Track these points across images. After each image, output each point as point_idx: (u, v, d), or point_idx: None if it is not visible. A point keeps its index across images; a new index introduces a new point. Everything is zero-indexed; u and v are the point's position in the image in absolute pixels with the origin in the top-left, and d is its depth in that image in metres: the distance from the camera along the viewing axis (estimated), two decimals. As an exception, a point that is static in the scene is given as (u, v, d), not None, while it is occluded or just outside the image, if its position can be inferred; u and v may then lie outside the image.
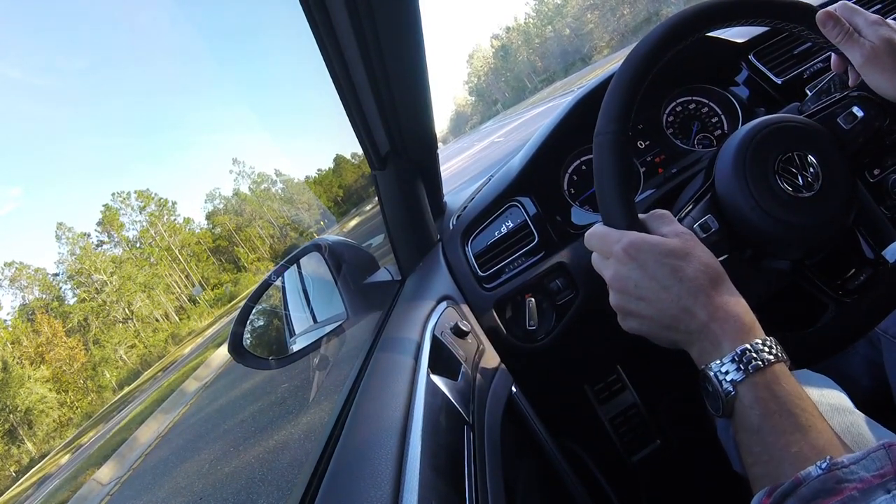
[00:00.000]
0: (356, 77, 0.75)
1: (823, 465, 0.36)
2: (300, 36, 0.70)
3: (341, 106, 0.84)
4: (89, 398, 44.85)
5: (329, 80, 0.77)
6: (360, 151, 1.00)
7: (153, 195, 55.29)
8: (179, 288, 55.34)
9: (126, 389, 40.88)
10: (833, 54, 0.65)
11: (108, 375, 46.19)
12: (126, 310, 50.08)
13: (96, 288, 49.61)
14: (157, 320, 52.14)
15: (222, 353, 14.82)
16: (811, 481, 0.36)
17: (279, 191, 62.89)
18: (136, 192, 54.62)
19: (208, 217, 60.95)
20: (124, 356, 48.14)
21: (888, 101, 0.59)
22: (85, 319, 48.39)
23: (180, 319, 53.52)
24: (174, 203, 56.60)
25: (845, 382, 0.71)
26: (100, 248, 51.66)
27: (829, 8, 0.59)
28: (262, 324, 1.22)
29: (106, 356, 46.51)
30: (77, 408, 43.74)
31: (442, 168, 1.21)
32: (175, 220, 56.55)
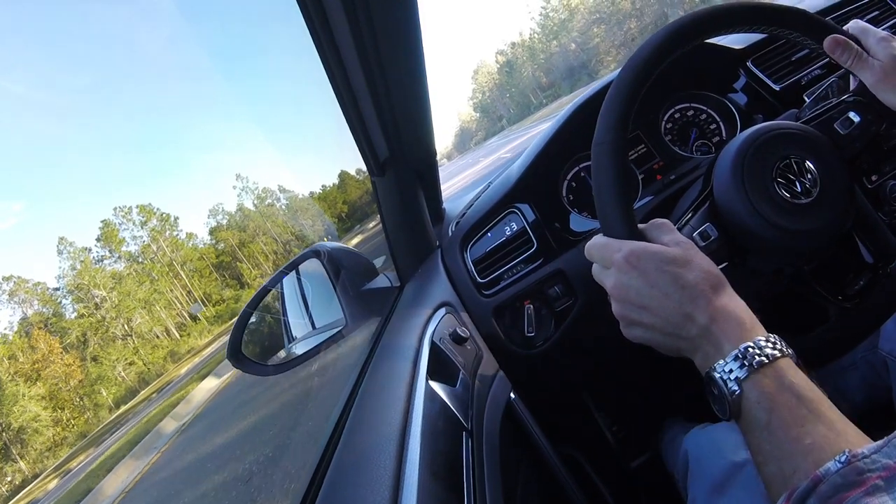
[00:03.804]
0: (355, 83, 0.76)
1: (842, 459, 0.35)
2: (300, 44, 0.70)
3: (343, 117, 0.84)
4: (85, 416, 43.81)
5: (329, 89, 0.77)
6: (364, 167, 1.01)
7: (155, 210, 54.24)
8: (181, 304, 54.23)
9: (122, 409, 39.83)
10: (851, 78, 0.66)
11: (104, 393, 45.29)
12: (125, 326, 48.99)
13: (96, 304, 48.64)
14: (157, 337, 50.85)
15: (205, 387, 14.52)
16: (830, 477, 0.35)
17: (283, 207, 62.14)
18: (137, 206, 54.16)
19: (212, 233, 60.09)
20: (123, 373, 46.88)
21: (888, 108, 0.59)
22: (83, 335, 47.37)
23: (181, 336, 52.33)
24: (176, 218, 55.84)
25: (841, 399, 0.71)
26: (100, 264, 50.74)
27: (837, 35, 0.60)
28: (261, 330, 1.22)
29: (102, 374, 45.31)
30: (74, 425, 42.68)
31: (445, 186, 1.21)
32: (177, 235, 55.66)
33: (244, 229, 60.42)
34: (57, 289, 49.56)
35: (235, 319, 1.05)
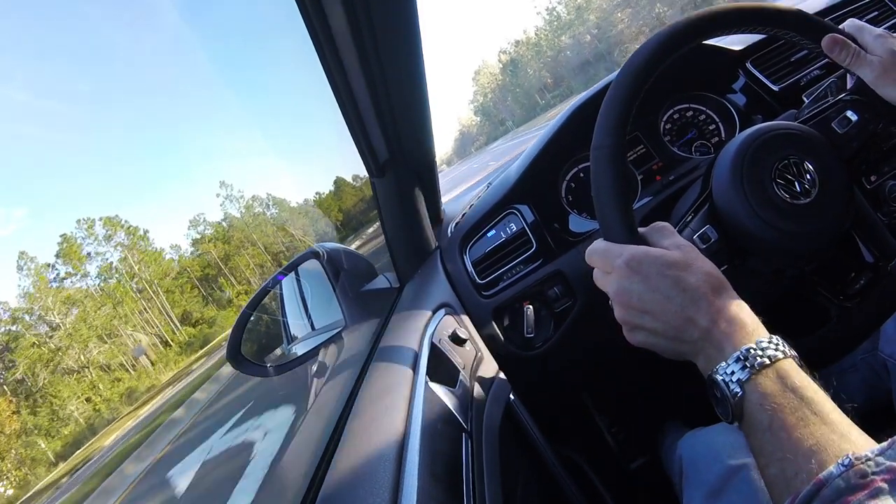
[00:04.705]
0: (355, 85, 0.76)
1: (845, 462, 0.35)
2: (299, 45, 0.70)
3: (341, 121, 0.84)
4: (23, 471, 36.08)
5: (329, 92, 0.77)
6: (361, 173, 1.00)
7: (122, 222, 47.71)
8: (155, 325, 47.59)
9: (61, 467, 33.54)
10: (847, 77, 0.66)
11: (42, 445, 37.54)
12: (81, 356, 41.29)
13: (50, 329, 41.23)
14: (122, 366, 43.19)
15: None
16: (833, 480, 0.34)
17: (273, 215, 57.09)
18: (101, 218, 46.86)
19: (195, 244, 54.34)
20: (76, 414, 39.04)
21: (885, 106, 0.59)
22: (32, 369, 39.09)
23: (152, 365, 45.15)
24: (146, 231, 48.70)
25: (841, 401, 0.71)
26: (60, 283, 43.25)
27: (835, 34, 0.60)
28: (260, 331, 1.22)
29: (39, 423, 37.53)
30: (11, 479, 35.09)
31: (450, 195, 1.21)
32: (151, 248, 48.83)
33: (228, 241, 54.88)
34: (17, 309, 42.46)
35: (235, 320, 1.05)
